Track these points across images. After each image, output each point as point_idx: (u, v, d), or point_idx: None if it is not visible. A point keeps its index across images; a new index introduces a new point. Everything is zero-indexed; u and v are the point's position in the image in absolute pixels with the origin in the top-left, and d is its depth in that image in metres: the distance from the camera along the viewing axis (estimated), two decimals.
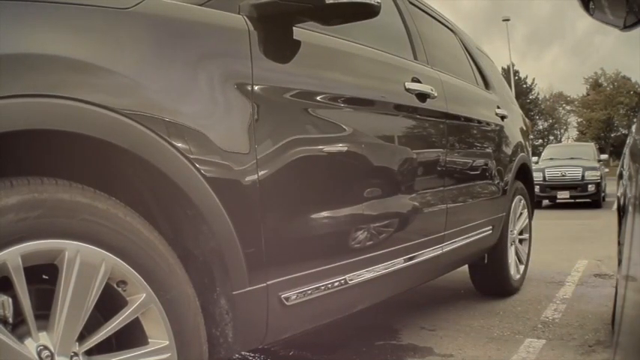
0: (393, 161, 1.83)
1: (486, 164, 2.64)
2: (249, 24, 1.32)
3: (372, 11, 1.43)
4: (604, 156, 12.98)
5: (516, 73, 38.55)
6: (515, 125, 3.24)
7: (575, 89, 69.07)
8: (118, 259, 0.99)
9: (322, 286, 1.45)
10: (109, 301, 1.00)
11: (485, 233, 2.56)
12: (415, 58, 2.17)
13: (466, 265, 2.90)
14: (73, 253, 0.92)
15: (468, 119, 2.48)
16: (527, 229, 3.28)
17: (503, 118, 2.96)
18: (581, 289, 3.17)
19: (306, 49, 1.48)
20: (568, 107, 47.94)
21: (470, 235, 2.38)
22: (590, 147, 12.68)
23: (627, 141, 1.62)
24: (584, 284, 3.31)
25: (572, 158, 10.79)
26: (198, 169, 1.11)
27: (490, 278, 2.94)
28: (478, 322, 2.51)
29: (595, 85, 44.43)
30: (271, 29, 1.37)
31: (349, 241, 1.59)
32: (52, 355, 0.89)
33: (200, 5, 1.27)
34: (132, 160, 1.03)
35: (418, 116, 2.00)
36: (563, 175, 9.97)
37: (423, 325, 2.45)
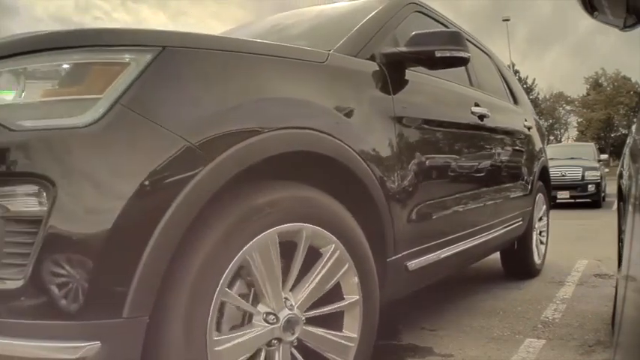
0: (471, 165, 2.41)
1: (519, 167, 3.20)
2: (383, 68, 1.82)
3: (465, 61, 1.94)
4: (604, 156, 12.96)
5: (517, 73, 38.54)
6: (536, 133, 3.79)
7: (576, 89, 68.87)
8: (332, 236, 1.40)
9: (430, 257, 1.95)
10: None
11: (517, 224, 3.07)
12: (471, 84, 2.72)
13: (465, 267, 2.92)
14: (309, 232, 1.34)
15: (508, 132, 3.04)
16: (546, 221, 3.87)
17: (529, 128, 3.55)
18: (581, 289, 3.17)
19: (414, 86, 1.97)
20: (568, 107, 47.93)
21: (508, 224, 2.89)
22: (590, 147, 12.67)
23: (627, 141, 1.63)
24: (584, 284, 3.31)
25: (572, 158, 10.78)
26: (375, 176, 1.59)
27: (518, 262, 3.45)
28: (478, 322, 2.51)
29: (595, 85, 44.40)
30: (395, 71, 1.86)
31: (449, 223, 2.14)
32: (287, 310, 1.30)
33: (354, 56, 1.76)
34: (339, 167, 1.48)
35: (479, 132, 2.54)
36: (563, 175, 9.96)
37: (423, 325, 2.45)
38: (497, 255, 3.45)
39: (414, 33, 1.88)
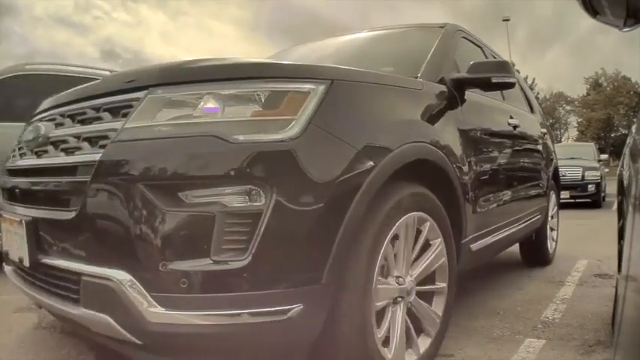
0: (510, 167, 2.91)
1: (539, 169, 3.67)
2: (452, 90, 2.27)
3: (512, 85, 2.42)
4: (604, 156, 12.94)
5: (517, 73, 38.44)
6: (549, 138, 4.32)
7: (576, 89, 68.81)
8: (433, 220, 1.83)
9: (484, 240, 2.42)
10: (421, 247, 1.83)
11: (536, 217, 3.52)
12: (503, 99, 3.18)
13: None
14: (420, 215, 1.76)
15: (531, 138, 3.55)
16: (556, 215, 4.41)
17: (544, 134, 4.09)
18: (581, 289, 3.17)
19: (471, 103, 2.41)
20: (568, 107, 47.90)
21: (531, 217, 3.37)
22: (590, 147, 12.66)
23: (627, 141, 1.62)
24: (584, 284, 3.32)
25: (572, 158, 10.77)
26: (457, 176, 2.04)
27: (535, 251, 3.96)
28: (478, 322, 2.51)
29: (595, 85, 44.37)
30: (460, 92, 2.32)
31: (496, 214, 2.61)
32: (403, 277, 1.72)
33: (433, 82, 2.20)
34: (438, 170, 1.92)
35: (514, 140, 3.06)
36: (563, 175, 9.93)
37: None
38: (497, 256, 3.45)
39: (473, 62, 2.37)
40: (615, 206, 2.38)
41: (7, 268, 2.01)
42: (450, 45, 2.59)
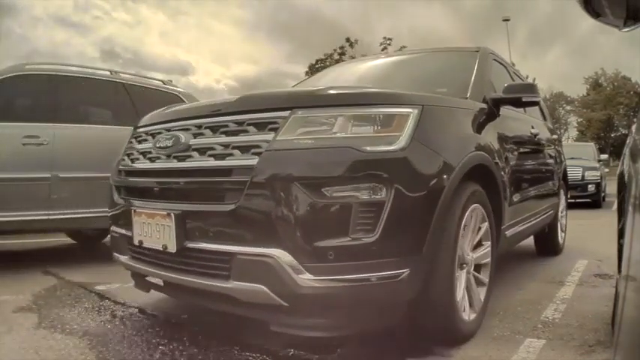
0: (533, 169, 3.51)
1: (553, 170, 4.19)
2: (491, 107, 2.78)
3: (537, 103, 3.11)
4: (604, 156, 12.93)
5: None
6: (559, 142, 4.94)
7: (576, 89, 68.66)
8: (483, 209, 2.35)
9: (515, 229, 2.96)
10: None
11: (549, 213, 4.01)
12: (525, 110, 3.64)
13: None
14: (477, 206, 2.28)
15: (547, 144, 4.09)
16: (565, 211, 4.95)
17: (555, 140, 4.67)
18: (581, 289, 3.17)
19: (504, 117, 2.91)
20: (568, 107, 47.89)
21: (546, 213, 3.88)
22: (590, 147, 12.65)
23: (627, 141, 1.62)
24: (584, 284, 3.32)
25: (572, 158, 10.72)
26: (499, 175, 2.53)
27: (547, 243, 4.52)
28: None
29: (595, 85, 44.35)
30: (497, 109, 2.83)
31: (523, 208, 3.13)
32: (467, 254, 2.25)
33: (479, 101, 2.70)
34: (487, 171, 2.40)
35: (535, 146, 3.65)
36: None
37: None
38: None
39: (506, 85, 2.94)
40: (615, 206, 2.38)
41: (122, 257, 2.37)
42: (487, 67, 3.12)
